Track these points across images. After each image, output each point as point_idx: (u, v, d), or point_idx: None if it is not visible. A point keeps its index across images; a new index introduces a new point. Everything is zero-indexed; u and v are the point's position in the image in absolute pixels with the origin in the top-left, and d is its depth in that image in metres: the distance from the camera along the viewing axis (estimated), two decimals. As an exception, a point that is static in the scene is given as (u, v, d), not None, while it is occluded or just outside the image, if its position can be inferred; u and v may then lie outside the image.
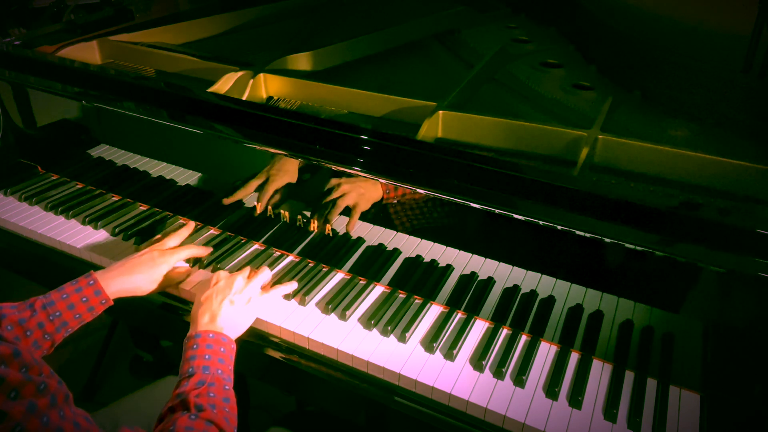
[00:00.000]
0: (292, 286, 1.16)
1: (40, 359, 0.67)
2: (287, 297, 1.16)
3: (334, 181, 1.15)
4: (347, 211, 1.17)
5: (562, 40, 1.70)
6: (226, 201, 1.30)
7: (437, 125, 1.21)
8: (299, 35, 1.75)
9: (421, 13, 1.78)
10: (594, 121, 1.16)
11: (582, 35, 1.65)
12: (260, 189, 1.25)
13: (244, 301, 1.06)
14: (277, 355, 1.11)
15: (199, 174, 1.35)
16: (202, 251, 1.24)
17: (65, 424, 0.63)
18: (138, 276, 1.11)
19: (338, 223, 1.20)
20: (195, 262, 1.25)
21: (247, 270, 1.14)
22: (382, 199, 1.13)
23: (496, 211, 0.99)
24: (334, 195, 1.16)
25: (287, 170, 1.20)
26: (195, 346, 0.96)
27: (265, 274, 1.15)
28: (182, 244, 1.24)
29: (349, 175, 1.13)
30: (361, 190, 1.14)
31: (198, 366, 0.92)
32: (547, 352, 1.06)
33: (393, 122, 1.28)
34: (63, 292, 1.02)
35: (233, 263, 1.27)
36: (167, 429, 0.82)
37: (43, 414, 0.61)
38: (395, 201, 1.12)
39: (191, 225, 1.29)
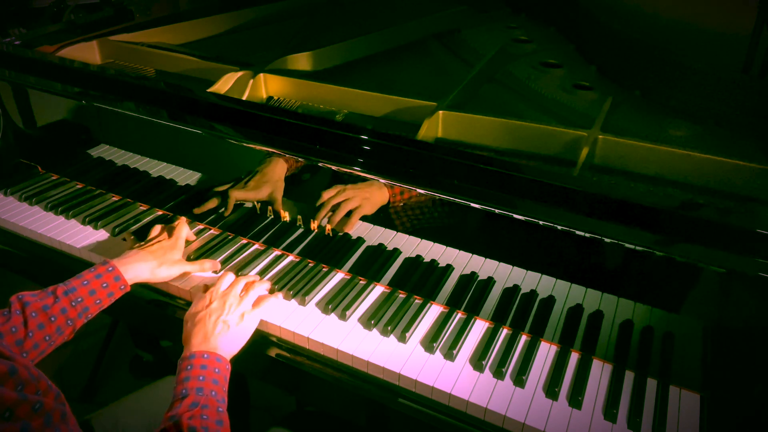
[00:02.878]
0: (278, 297, 1.15)
1: (38, 373, 0.66)
2: (287, 297, 1.16)
3: (339, 186, 1.16)
4: (348, 213, 1.17)
5: (562, 40, 1.70)
6: (196, 211, 1.34)
7: (437, 125, 1.21)
8: (299, 35, 1.75)
9: (421, 13, 1.78)
10: (594, 121, 1.16)
11: (582, 35, 1.65)
12: (244, 191, 1.27)
13: (237, 320, 1.05)
14: (277, 355, 1.11)
15: (199, 174, 1.35)
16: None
17: None
18: (153, 261, 1.15)
19: (339, 224, 1.20)
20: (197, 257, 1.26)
21: (241, 284, 1.13)
22: (389, 203, 1.13)
23: (496, 211, 0.99)
24: (337, 199, 1.16)
25: (270, 178, 1.22)
26: (189, 367, 0.95)
27: (261, 287, 1.14)
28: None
29: (354, 179, 1.13)
30: (366, 194, 1.14)
31: (191, 388, 0.91)
32: (547, 352, 1.06)
33: (393, 122, 1.28)
34: (83, 278, 1.05)
35: (233, 263, 1.26)
36: None
37: None
38: (401, 204, 1.12)
39: (183, 219, 1.32)
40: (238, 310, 1.07)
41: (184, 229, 1.26)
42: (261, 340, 1.12)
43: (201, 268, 1.22)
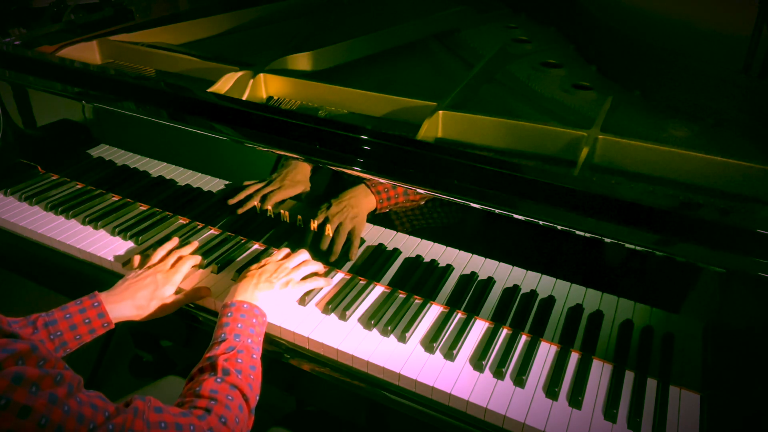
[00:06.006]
0: (330, 281, 1.19)
1: (55, 354, 0.70)
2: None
3: (326, 212, 1.17)
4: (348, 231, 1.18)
5: (562, 40, 1.70)
6: (232, 201, 1.30)
7: (437, 125, 1.21)
8: (299, 35, 1.75)
9: (421, 13, 1.78)
10: (594, 121, 1.16)
11: (582, 35, 1.66)
12: (270, 195, 1.25)
13: (282, 285, 1.11)
14: (277, 354, 1.11)
15: (199, 174, 1.35)
16: (198, 260, 1.22)
17: (84, 409, 0.66)
18: (141, 301, 1.10)
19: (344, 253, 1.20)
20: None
21: (296, 258, 1.18)
22: (376, 209, 1.13)
23: (496, 211, 0.99)
24: (330, 231, 1.18)
25: (299, 181, 1.21)
26: (229, 314, 1.01)
27: (310, 267, 1.18)
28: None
29: (344, 187, 1.14)
30: (354, 210, 1.15)
31: (230, 333, 0.97)
32: (547, 352, 1.06)
33: (393, 122, 1.28)
34: (66, 311, 1.01)
35: (233, 263, 1.26)
36: (194, 389, 0.86)
37: (63, 403, 0.64)
38: (387, 209, 1.12)
39: (194, 244, 1.27)
40: (287, 277, 1.13)
41: (185, 266, 1.18)
42: (261, 340, 1.12)
43: (193, 298, 1.17)
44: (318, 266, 1.20)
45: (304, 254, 1.20)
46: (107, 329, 1.05)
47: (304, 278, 1.16)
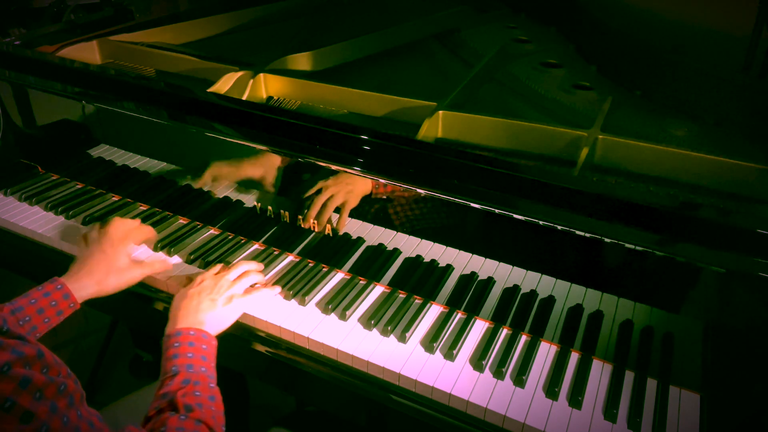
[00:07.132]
0: (275, 290, 1.16)
1: (59, 359, 0.69)
2: (287, 297, 1.16)
3: (321, 183, 1.16)
4: (338, 210, 1.18)
5: (562, 40, 1.70)
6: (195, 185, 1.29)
7: (437, 125, 1.21)
8: (299, 35, 1.75)
9: (421, 13, 1.79)
10: (594, 121, 1.16)
11: (582, 35, 1.66)
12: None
13: (225, 301, 1.07)
14: (277, 354, 1.11)
15: (200, 174, 1.35)
16: (150, 231, 1.22)
17: (82, 424, 0.66)
18: (99, 276, 1.09)
19: (329, 223, 1.20)
20: (193, 260, 1.26)
21: (235, 270, 1.14)
22: (371, 193, 1.12)
23: (496, 211, 0.99)
24: (322, 198, 1.17)
25: (263, 163, 1.20)
26: (177, 344, 0.96)
27: (252, 277, 1.15)
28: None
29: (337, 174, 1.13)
30: (349, 187, 1.14)
31: (182, 364, 0.92)
32: (547, 352, 1.06)
33: (393, 122, 1.28)
34: (30, 297, 1.02)
35: (234, 263, 1.26)
36: (157, 429, 0.83)
37: (63, 414, 0.64)
38: (385, 196, 1.12)
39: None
40: (228, 292, 1.08)
41: (135, 235, 1.16)
42: (261, 340, 1.12)
43: (152, 269, 1.17)
44: (259, 276, 1.17)
45: (242, 266, 1.16)
46: (74, 309, 1.06)
47: (247, 290, 1.13)
